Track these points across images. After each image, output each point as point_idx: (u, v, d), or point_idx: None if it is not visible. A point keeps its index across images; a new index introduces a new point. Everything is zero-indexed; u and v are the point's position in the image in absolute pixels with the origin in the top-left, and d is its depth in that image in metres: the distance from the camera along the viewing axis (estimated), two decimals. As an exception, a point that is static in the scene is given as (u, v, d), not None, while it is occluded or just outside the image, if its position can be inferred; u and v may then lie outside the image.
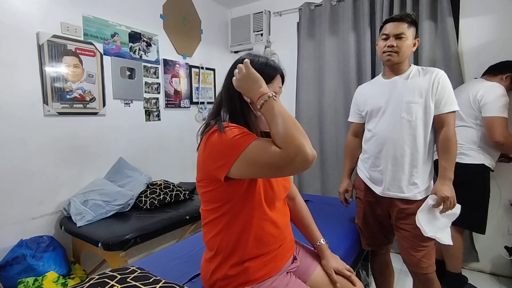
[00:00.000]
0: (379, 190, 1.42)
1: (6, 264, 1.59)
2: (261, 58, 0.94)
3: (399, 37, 1.31)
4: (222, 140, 0.81)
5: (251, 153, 0.76)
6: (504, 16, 2.03)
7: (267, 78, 0.90)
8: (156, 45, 2.52)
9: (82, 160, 2.05)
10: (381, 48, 1.36)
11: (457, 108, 1.29)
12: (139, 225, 1.79)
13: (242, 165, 0.78)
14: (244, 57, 0.93)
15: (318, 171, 2.76)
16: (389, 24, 1.34)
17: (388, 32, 1.33)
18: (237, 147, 0.78)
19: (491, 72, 1.88)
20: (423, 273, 1.35)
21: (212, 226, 0.93)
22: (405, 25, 1.30)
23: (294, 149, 0.71)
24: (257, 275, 0.92)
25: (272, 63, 0.95)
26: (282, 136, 0.73)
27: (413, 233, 1.34)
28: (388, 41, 1.33)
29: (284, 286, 0.94)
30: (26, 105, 1.76)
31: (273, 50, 3.05)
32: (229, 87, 0.91)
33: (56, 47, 1.86)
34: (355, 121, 1.62)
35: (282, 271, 0.98)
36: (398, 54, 1.32)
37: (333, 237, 1.51)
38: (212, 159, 0.83)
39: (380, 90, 1.43)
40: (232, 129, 0.82)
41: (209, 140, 0.84)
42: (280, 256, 0.98)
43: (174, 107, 2.72)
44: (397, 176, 1.35)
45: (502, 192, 2.08)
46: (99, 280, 0.87)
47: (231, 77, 0.90)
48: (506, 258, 2.08)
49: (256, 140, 0.78)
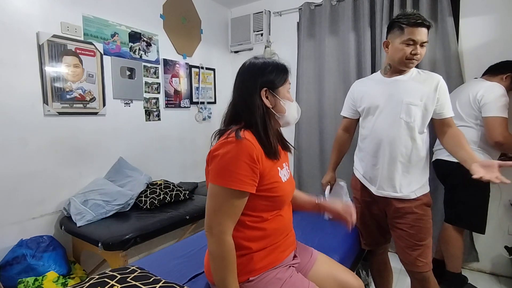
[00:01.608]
0: (374, 189, 1.43)
1: (6, 264, 1.59)
2: (269, 62, 0.96)
3: (423, 45, 1.28)
4: (227, 157, 0.84)
5: (224, 202, 0.85)
6: (504, 16, 2.03)
7: (281, 81, 0.96)
8: (156, 45, 2.52)
9: (82, 160, 2.05)
10: (405, 54, 1.29)
11: (453, 114, 1.36)
12: (139, 225, 1.79)
13: (212, 192, 0.87)
14: (251, 60, 0.97)
15: (318, 171, 2.76)
16: (418, 29, 1.26)
17: (417, 39, 1.26)
18: (226, 181, 0.83)
19: (491, 72, 1.88)
20: (419, 272, 1.36)
21: None
22: (427, 31, 1.27)
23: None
24: (261, 264, 0.94)
25: (281, 65, 0.98)
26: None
27: (408, 232, 1.35)
28: (416, 48, 1.28)
29: (287, 277, 0.97)
30: (26, 105, 1.76)
31: (273, 50, 3.05)
32: (248, 92, 0.93)
33: (56, 47, 1.86)
34: (348, 116, 1.60)
35: (285, 263, 1.01)
36: (418, 62, 1.32)
37: (333, 238, 1.51)
38: (212, 160, 0.88)
39: (380, 88, 1.41)
40: (241, 158, 0.84)
41: (225, 146, 0.86)
42: (283, 247, 1.01)
43: (174, 107, 2.72)
44: (392, 176, 1.36)
45: (502, 192, 2.08)
46: (99, 280, 0.87)
47: (245, 82, 0.95)
48: (506, 258, 2.08)
49: (237, 197, 0.85)
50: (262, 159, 0.89)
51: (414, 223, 1.34)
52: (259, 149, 0.88)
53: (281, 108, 0.96)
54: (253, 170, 0.86)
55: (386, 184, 1.38)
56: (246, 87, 0.94)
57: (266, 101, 0.94)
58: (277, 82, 0.95)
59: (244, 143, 0.85)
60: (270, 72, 0.94)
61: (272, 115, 0.96)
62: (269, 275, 0.95)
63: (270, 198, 0.92)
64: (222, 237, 0.84)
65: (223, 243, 0.84)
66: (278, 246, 0.99)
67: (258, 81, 0.93)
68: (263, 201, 0.91)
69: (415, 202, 1.34)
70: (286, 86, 0.98)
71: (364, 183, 1.49)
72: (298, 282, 0.98)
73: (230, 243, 0.85)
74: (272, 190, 0.92)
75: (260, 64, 0.96)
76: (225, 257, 0.84)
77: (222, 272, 0.85)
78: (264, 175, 0.89)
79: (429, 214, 1.37)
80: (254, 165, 0.86)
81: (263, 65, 0.95)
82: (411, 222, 1.34)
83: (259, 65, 0.95)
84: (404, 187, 1.35)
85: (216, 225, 0.85)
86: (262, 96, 0.93)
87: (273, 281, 0.94)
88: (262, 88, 0.93)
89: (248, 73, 0.96)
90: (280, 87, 0.96)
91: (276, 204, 0.96)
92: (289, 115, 0.98)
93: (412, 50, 1.28)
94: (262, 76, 0.94)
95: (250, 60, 0.98)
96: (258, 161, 0.86)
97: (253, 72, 0.95)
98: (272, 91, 0.95)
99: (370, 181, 1.46)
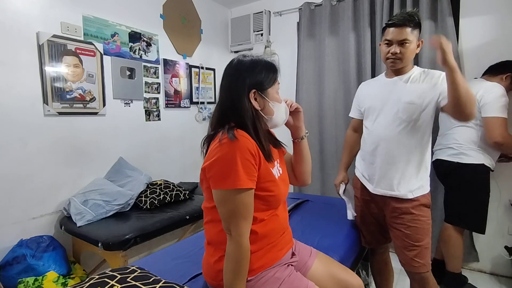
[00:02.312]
0: (371, 187, 1.43)
1: (6, 264, 1.59)
2: (258, 61, 0.93)
3: (403, 43, 1.28)
4: (226, 158, 0.83)
5: (234, 204, 0.84)
6: (504, 16, 2.03)
7: (271, 81, 0.94)
8: (156, 45, 2.52)
9: (82, 160, 2.05)
10: (384, 54, 1.34)
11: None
12: (139, 225, 1.79)
13: (220, 198, 0.86)
14: (239, 58, 0.94)
15: (318, 171, 2.76)
16: (391, 29, 1.29)
17: (391, 38, 1.29)
18: (229, 183, 0.82)
19: (491, 72, 1.88)
20: (416, 272, 1.36)
21: (218, 223, 0.93)
22: (408, 30, 1.26)
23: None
24: (258, 264, 0.93)
25: (270, 65, 0.95)
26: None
27: (405, 232, 1.35)
28: (392, 47, 1.29)
29: (286, 276, 0.96)
30: (26, 105, 1.76)
31: (273, 50, 3.05)
32: (236, 93, 0.90)
33: (56, 47, 1.86)
34: (355, 117, 1.62)
35: (283, 262, 1.00)
36: (402, 60, 1.31)
37: (333, 237, 1.51)
38: (210, 166, 0.86)
39: (380, 89, 1.43)
40: (239, 156, 0.82)
41: (221, 148, 0.84)
42: (280, 246, 1.00)
43: (174, 107, 2.72)
44: (390, 174, 1.36)
45: (502, 192, 2.08)
46: (99, 280, 0.87)
47: (233, 83, 0.91)
48: (506, 258, 2.08)
49: (245, 196, 0.84)
50: (259, 153, 0.88)
51: (410, 223, 1.34)
52: (255, 144, 0.88)
53: (269, 110, 0.94)
54: (254, 166, 0.85)
55: (383, 183, 1.38)
56: (235, 88, 0.90)
57: (254, 103, 0.91)
58: (266, 83, 0.92)
59: (240, 140, 0.84)
60: (259, 72, 0.91)
61: (261, 117, 0.94)
62: (267, 275, 0.94)
63: (265, 197, 0.92)
64: (239, 240, 0.84)
65: (240, 246, 0.84)
66: (275, 245, 0.98)
67: (246, 81, 0.90)
68: (259, 200, 0.90)
69: (413, 203, 1.33)
70: (275, 87, 0.96)
71: (363, 181, 1.50)
72: (297, 281, 0.97)
73: (247, 246, 0.85)
74: (267, 189, 0.91)
75: (248, 63, 0.92)
76: (239, 261, 0.84)
77: (233, 275, 0.85)
78: (259, 173, 0.89)
79: (428, 215, 1.36)
80: (254, 160, 0.85)
81: (251, 64, 0.92)
82: (408, 222, 1.34)
83: (247, 65, 0.92)
84: (401, 186, 1.34)
85: (234, 229, 0.84)
86: (251, 98, 0.90)
87: (272, 281, 0.94)
88: (251, 89, 0.90)
89: (236, 72, 0.92)
90: (269, 88, 0.93)
91: (271, 204, 0.95)
92: (277, 117, 0.96)
93: (390, 49, 1.30)
94: (250, 76, 0.90)
95: (238, 58, 0.94)
96: (257, 155, 0.86)
97: (241, 72, 0.91)
98: (261, 92, 0.92)
99: (368, 180, 1.47)
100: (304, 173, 1.13)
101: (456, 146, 1.81)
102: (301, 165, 1.12)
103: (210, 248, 0.99)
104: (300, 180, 1.14)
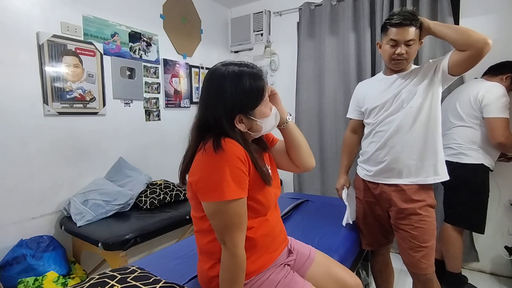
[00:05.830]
0: (384, 180, 1.40)
1: (6, 264, 1.59)
2: (243, 75, 0.84)
3: (408, 44, 1.27)
4: (213, 169, 0.79)
5: (227, 215, 0.80)
6: (504, 16, 2.03)
7: (258, 101, 0.86)
8: (156, 45, 2.52)
9: (82, 160, 2.05)
10: (389, 54, 1.31)
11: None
12: (139, 225, 1.79)
13: (212, 210, 0.82)
14: (221, 71, 0.85)
15: (318, 171, 2.76)
16: (396, 29, 1.26)
17: (397, 38, 1.26)
18: (218, 195, 0.79)
19: (491, 72, 1.88)
20: (422, 274, 1.35)
21: (206, 233, 0.91)
22: (413, 29, 1.24)
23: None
24: (252, 268, 0.91)
25: (257, 82, 0.85)
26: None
27: (412, 233, 1.34)
28: (398, 48, 1.28)
29: (282, 278, 0.94)
30: (26, 105, 1.76)
31: (273, 50, 3.05)
32: (219, 117, 0.83)
33: (56, 47, 1.86)
34: (354, 118, 1.61)
35: (278, 262, 0.99)
36: (408, 61, 1.32)
37: (333, 237, 1.51)
38: (198, 180, 0.83)
39: (380, 87, 1.43)
40: (228, 165, 0.78)
41: (207, 160, 0.80)
42: (274, 247, 0.99)
43: (174, 107, 2.72)
44: (406, 163, 1.34)
45: (501, 192, 2.08)
46: (99, 280, 0.87)
47: (215, 103, 0.84)
48: (506, 258, 2.08)
49: (238, 206, 0.81)
50: (249, 159, 0.85)
51: (417, 224, 1.33)
52: (244, 149, 0.84)
53: (257, 128, 0.89)
54: (244, 172, 0.82)
55: (391, 173, 1.37)
56: (217, 110, 0.83)
57: (240, 126, 0.85)
58: (252, 105, 0.85)
59: (228, 147, 0.79)
60: (243, 92, 0.83)
61: (248, 135, 0.90)
62: (262, 278, 0.93)
63: (253, 206, 0.89)
64: (235, 251, 0.82)
65: (235, 257, 0.82)
66: (268, 248, 0.96)
67: (228, 106, 0.82)
68: (247, 208, 0.86)
69: (419, 203, 1.33)
70: (264, 102, 0.88)
71: (369, 179, 1.47)
72: (293, 282, 0.95)
73: (242, 256, 0.83)
74: (255, 198, 0.88)
75: (230, 80, 0.82)
76: (236, 272, 0.82)
77: (229, 285, 0.83)
78: (249, 179, 0.86)
79: (433, 215, 1.35)
80: (245, 167, 0.82)
81: (234, 81, 0.82)
82: (415, 223, 1.33)
83: (229, 83, 0.82)
84: (412, 173, 1.33)
85: (229, 240, 0.81)
86: (236, 123, 0.84)
87: (267, 283, 0.92)
88: (235, 115, 0.84)
89: (218, 93, 0.83)
90: (256, 108, 0.86)
91: (260, 212, 0.92)
92: (266, 129, 0.91)
93: (396, 50, 1.28)
94: (234, 98, 0.82)
95: (220, 72, 0.84)
96: (246, 161, 0.83)
97: (223, 93, 0.82)
98: (247, 115, 0.86)
99: (375, 174, 1.43)
100: (302, 157, 1.04)
101: (455, 146, 1.81)
102: (295, 150, 1.03)
103: (203, 256, 0.97)
104: (301, 166, 1.05)
